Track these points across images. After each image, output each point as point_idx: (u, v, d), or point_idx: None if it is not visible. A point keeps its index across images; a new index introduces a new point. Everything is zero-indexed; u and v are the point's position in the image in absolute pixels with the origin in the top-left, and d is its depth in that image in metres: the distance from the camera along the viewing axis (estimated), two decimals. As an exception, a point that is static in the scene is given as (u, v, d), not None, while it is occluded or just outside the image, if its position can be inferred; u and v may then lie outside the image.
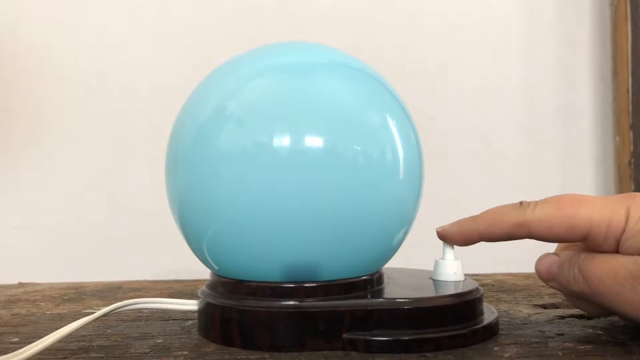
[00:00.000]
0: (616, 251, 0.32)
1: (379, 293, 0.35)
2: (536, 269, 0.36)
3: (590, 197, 0.33)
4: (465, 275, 0.38)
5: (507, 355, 0.31)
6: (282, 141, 0.32)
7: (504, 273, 0.58)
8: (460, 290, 0.36)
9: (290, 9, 0.71)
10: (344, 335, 0.33)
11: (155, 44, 0.70)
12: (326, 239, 0.33)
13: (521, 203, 0.35)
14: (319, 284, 0.34)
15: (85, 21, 0.70)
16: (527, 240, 0.35)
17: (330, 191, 0.32)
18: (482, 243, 0.36)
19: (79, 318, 0.34)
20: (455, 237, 0.37)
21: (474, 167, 0.72)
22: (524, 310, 0.42)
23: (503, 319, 0.39)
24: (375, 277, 0.36)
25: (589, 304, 0.35)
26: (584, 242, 0.33)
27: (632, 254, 0.31)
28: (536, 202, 0.34)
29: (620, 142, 0.71)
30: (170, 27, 0.70)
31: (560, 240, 0.34)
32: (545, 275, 0.35)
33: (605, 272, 0.32)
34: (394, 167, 0.35)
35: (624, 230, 0.32)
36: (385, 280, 0.38)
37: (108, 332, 0.38)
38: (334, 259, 0.34)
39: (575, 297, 0.35)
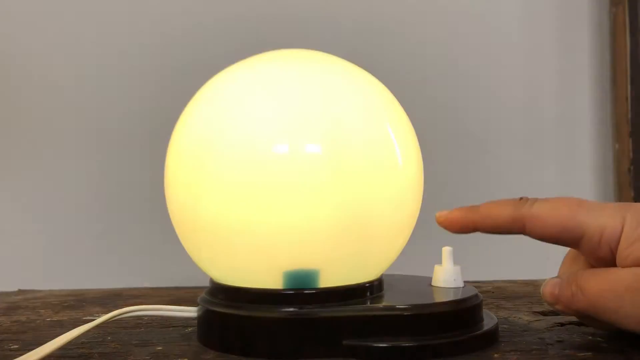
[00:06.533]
0: (610, 259, 0.32)
1: (378, 300, 0.35)
2: (542, 294, 0.35)
3: (590, 202, 0.33)
4: (465, 282, 0.38)
5: (506, 362, 0.32)
6: (283, 148, 0.32)
7: (504, 280, 0.58)
8: (459, 297, 0.36)
9: (290, 16, 0.71)
10: (344, 342, 0.33)
11: (156, 48, 0.70)
12: (326, 246, 0.33)
13: (521, 198, 0.35)
14: (318, 291, 0.34)
15: (83, 26, 0.70)
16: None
17: (330, 198, 0.32)
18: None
19: (79, 325, 0.34)
20: (452, 223, 0.36)
21: (473, 175, 0.72)
22: (523, 317, 0.41)
23: (503, 325, 0.39)
24: (374, 283, 0.36)
25: (599, 321, 0.34)
26: (578, 247, 0.33)
27: (630, 264, 0.31)
28: (535, 199, 0.34)
29: (620, 150, 0.71)
30: (170, 32, 0.70)
31: (553, 241, 0.34)
32: (550, 298, 0.34)
33: (604, 286, 0.31)
34: (394, 174, 0.35)
35: (619, 238, 0.31)
36: (385, 286, 0.38)
37: (108, 339, 0.38)
38: (334, 266, 0.34)
39: (582, 316, 0.35)
